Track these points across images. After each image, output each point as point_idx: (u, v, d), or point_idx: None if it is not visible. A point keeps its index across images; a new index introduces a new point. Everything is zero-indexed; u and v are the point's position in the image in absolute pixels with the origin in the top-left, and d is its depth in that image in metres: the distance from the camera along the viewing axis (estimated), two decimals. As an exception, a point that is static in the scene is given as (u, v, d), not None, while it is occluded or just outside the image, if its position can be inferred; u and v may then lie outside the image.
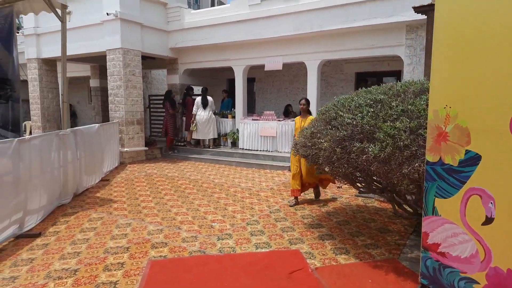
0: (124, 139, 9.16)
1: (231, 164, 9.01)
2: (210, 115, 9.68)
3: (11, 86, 6.67)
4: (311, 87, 8.60)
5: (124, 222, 4.74)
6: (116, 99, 9.22)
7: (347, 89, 10.00)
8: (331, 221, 4.85)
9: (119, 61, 9.02)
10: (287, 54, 8.80)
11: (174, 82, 10.86)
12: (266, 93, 11.53)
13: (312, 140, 4.01)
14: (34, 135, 4.65)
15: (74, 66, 13.06)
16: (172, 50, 10.35)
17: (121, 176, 7.77)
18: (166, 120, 10.06)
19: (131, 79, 9.21)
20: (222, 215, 5.08)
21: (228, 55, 9.71)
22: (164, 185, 6.96)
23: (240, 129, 9.68)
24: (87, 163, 6.42)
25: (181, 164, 9.19)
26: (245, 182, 7.18)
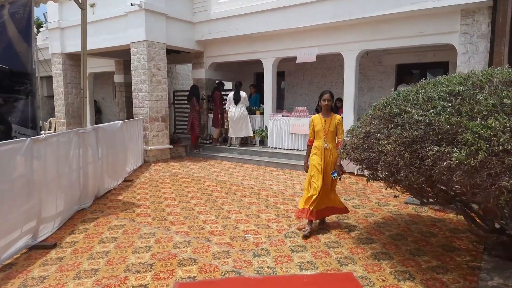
0: (148, 136, 8.74)
1: (260, 164, 8.42)
2: (242, 112, 9.10)
3: (30, 80, 6.33)
4: (348, 80, 7.86)
5: (148, 232, 4.23)
6: (140, 95, 8.81)
7: (386, 83, 9.17)
8: (383, 235, 4.16)
9: (143, 55, 8.58)
10: (321, 44, 8.09)
11: (199, 77, 10.37)
12: (296, 87, 10.84)
13: (369, 141, 3.34)
14: (50, 134, 4.21)
15: (98, 61, 12.81)
16: (198, 43, 9.84)
17: (145, 176, 7.34)
18: (193, 117, 9.56)
19: (155, 73, 8.76)
20: (255, 225, 4.49)
21: (257, 47, 9.09)
22: (190, 186, 6.46)
23: (269, 127, 9.07)
24: (109, 163, 5.99)
25: (207, 164, 8.69)
26: (276, 185, 6.58)
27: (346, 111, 7.96)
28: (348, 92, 7.87)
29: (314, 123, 4.33)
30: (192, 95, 9.55)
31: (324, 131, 4.24)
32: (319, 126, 4.28)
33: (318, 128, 4.29)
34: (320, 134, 4.27)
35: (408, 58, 8.77)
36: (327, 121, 4.27)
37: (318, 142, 4.29)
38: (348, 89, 7.87)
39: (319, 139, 4.28)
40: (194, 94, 9.56)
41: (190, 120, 9.60)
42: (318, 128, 4.28)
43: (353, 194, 5.93)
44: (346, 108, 7.94)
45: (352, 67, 7.78)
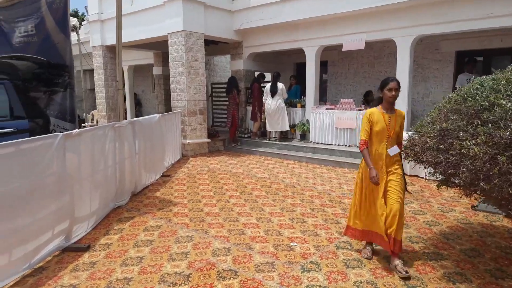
0: (186, 130, 8.51)
1: (301, 160, 7.91)
2: (278, 104, 8.61)
3: (69, 73, 6.23)
4: (401, 70, 7.11)
5: (185, 235, 3.91)
6: (178, 87, 8.57)
7: (443, 72, 8.27)
8: (454, 250, 3.55)
9: (181, 45, 8.31)
10: (371, 30, 7.38)
11: (238, 68, 9.98)
12: (340, 78, 10.15)
13: (446, 141, 2.76)
14: (84, 129, 3.99)
15: (137, 54, 12.81)
16: (236, 32, 9.43)
17: (183, 171, 7.10)
18: (233, 110, 9.20)
19: (193, 65, 8.48)
20: (301, 231, 4.04)
21: (299, 35, 8.53)
22: (229, 184, 6.11)
23: (311, 120, 8.52)
24: (147, 158, 5.77)
25: (246, 159, 8.32)
26: (321, 184, 6.06)
27: (397, 104, 7.19)
28: (401, 81, 7.09)
29: (373, 120, 3.18)
30: (232, 87, 9.17)
31: (388, 131, 3.16)
32: (381, 124, 3.15)
33: (379, 128, 3.16)
34: (381, 136, 3.16)
35: (469, 44, 7.82)
36: (392, 118, 3.20)
37: (377, 147, 3.19)
38: (401, 80, 7.09)
39: (380, 142, 3.18)
40: (233, 85, 9.19)
41: (231, 113, 9.23)
42: (380, 127, 3.15)
43: (409, 197, 5.29)
44: (398, 100, 7.17)
45: (405, 55, 7.02)
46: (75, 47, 11.45)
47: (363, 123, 3.25)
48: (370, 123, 3.21)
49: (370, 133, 3.21)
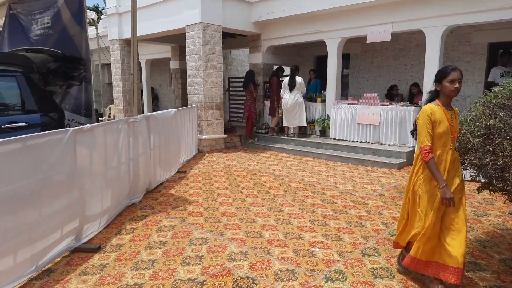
0: (202, 125, 8.33)
1: (321, 157, 7.60)
2: (296, 99, 8.32)
3: (85, 66, 6.11)
4: (430, 63, 6.69)
5: (200, 237, 3.71)
6: (195, 81, 8.38)
7: (475, 65, 7.76)
8: (492, 259, 3.21)
9: (198, 38, 8.10)
10: (397, 21, 6.96)
11: (256, 62, 9.70)
12: (362, 71, 9.74)
13: (492, 141, 2.43)
14: (97, 124, 3.82)
15: (155, 48, 12.71)
16: (255, 25, 9.14)
17: (199, 167, 6.91)
18: (249, 104, 8.96)
19: (210, 58, 8.26)
20: (323, 235, 3.77)
21: (320, 26, 8.17)
22: (246, 181, 5.88)
23: (331, 115, 8.18)
24: (162, 154, 5.60)
25: (263, 155, 8.07)
26: (342, 183, 5.75)
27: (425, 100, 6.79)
28: (430, 77, 6.68)
29: (434, 119, 2.55)
30: (249, 81, 8.92)
31: (453, 132, 2.57)
32: (444, 124, 2.54)
33: (443, 129, 2.53)
34: (446, 139, 2.56)
35: (503, 35, 7.28)
36: (453, 116, 2.63)
37: (441, 152, 2.58)
38: (430, 74, 6.68)
39: (444, 146, 2.58)
40: (250, 80, 8.93)
41: (247, 108, 8.99)
42: (444, 128, 2.53)
43: (438, 199, 4.93)
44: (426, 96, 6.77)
45: (435, 47, 6.58)
46: (94, 41, 11.45)
47: (423, 123, 2.56)
48: (430, 123, 2.56)
49: (433, 135, 2.58)
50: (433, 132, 2.56)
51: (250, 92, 8.85)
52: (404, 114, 7.04)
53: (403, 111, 7.05)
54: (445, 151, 2.59)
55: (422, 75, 8.52)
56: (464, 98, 7.99)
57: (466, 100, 7.91)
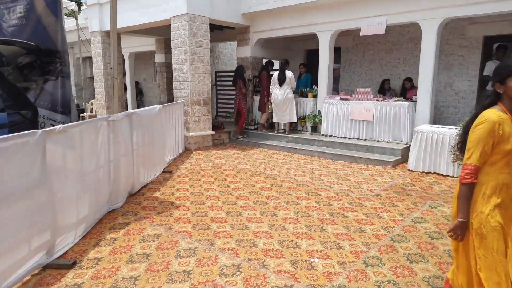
0: (189, 122, 7.95)
1: (313, 155, 7.34)
2: (286, 94, 8.02)
3: (61, 59, 5.66)
4: (426, 56, 6.46)
5: (187, 247, 3.39)
6: (181, 76, 7.98)
7: (469, 59, 7.59)
8: (504, 269, 2.99)
9: (184, 30, 7.69)
10: (392, 13, 6.70)
11: (245, 55, 9.34)
12: (354, 66, 9.48)
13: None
14: (71, 124, 3.44)
15: (139, 40, 12.20)
16: (244, 17, 8.77)
17: (186, 166, 6.56)
18: (239, 101, 8.60)
19: (197, 51, 7.87)
20: (321, 242, 3.50)
21: (312, 18, 7.86)
22: (236, 182, 5.57)
23: (323, 111, 7.92)
24: (146, 154, 5.23)
25: (252, 153, 7.76)
26: (337, 183, 5.50)
27: (421, 95, 6.60)
28: (426, 71, 6.48)
29: (502, 133, 1.88)
30: (237, 77, 8.57)
31: None
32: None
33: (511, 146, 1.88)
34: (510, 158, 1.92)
35: (499, 28, 7.12)
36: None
37: (506, 175, 1.94)
38: (425, 68, 6.48)
39: (508, 165, 1.94)
40: (240, 75, 8.57)
41: (237, 104, 8.63)
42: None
43: (438, 198, 4.73)
44: (422, 91, 6.58)
45: (431, 40, 6.36)
46: (74, 33, 10.89)
47: (483, 135, 1.88)
48: (497, 137, 1.88)
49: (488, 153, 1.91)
50: (496, 148, 1.90)
51: (239, 88, 8.50)
52: (398, 110, 6.82)
53: (397, 107, 6.83)
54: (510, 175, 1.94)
55: (415, 69, 8.35)
56: (457, 93, 7.84)
57: (460, 95, 7.76)
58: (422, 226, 3.85)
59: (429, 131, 5.83)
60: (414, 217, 4.10)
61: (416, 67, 8.30)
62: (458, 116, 7.78)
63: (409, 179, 5.65)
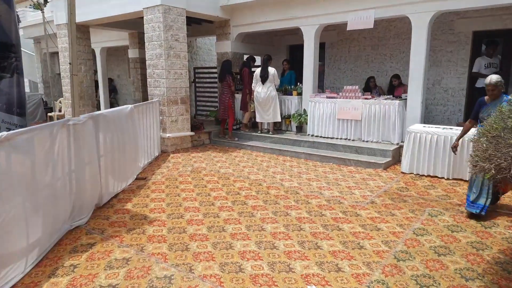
0: (165, 122, 7.37)
1: (299, 157, 6.92)
2: (269, 92, 7.57)
3: (16, 54, 4.98)
4: (416, 52, 6.14)
5: (162, 274, 2.87)
6: (155, 72, 7.37)
7: (458, 55, 7.35)
8: (524, 292, 2.65)
9: (158, 22, 7.08)
10: (381, 6, 6.34)
11: (224, 51, 8.81)
12: (339, 62, 9.12)
13: None
14: (19, 131, 2.85)
15: (111, 34, 11.42)
16: (223, 9, 8.23)
17: (162, 172, 6.01)
18: (228, 99, 7.87)
19: (173, 45, 7.28)
20: (317, 263, 3.06)
21: (295, 11, 7.42)
22: (218, 189, 5.08)
23: (309, 110, 7.51)
24: (116, 161, 4.65)
25: (235, 155, 7.27)
26: (328, 188, 5.10)
27: (411, 92, 6.29)
28: (416, 68, 6.16)
29: None
30: (226, 73, 7.93)
31: None
32: None
33: None
34: None
35: (488, 23, 6.89)
36: None
37: None
38: (415, 64, 6.16)
39: None
40: (227, 71, 7.94)
41: (225, 103, 7.87)
42: None
43: (437, 205, 4.39)
44: (412, 88, 6.26)
45: (422, 34, 6.04)
46: (41, 26, 10.04)
47: None
48: None
49: None
50: None
51: (228, 85, 7.86)
52: (388, 109, 6.49)
53: (387, 105, 6.49)
54: None
55: (402, 66, 8.07)
56: (446, 91, 7.60)
57: (449, 93, 7.52)
58: (426, 240, 3.48)
59: (422, 132, 5.51)
60: (415, 229, 3.73)
61: (403, 63, 8.04)
62: (447, 115, 7.55)
63: (403, 182, 5.31)
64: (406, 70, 7.89)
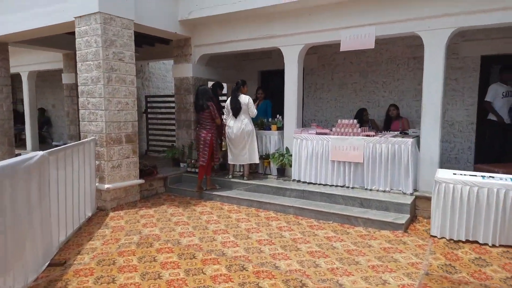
0: (104, 168, 5.43)
1: (286, 212, 5.27)
2: (243, 127, 5.97)
3: None
4: (431, 79, 4.90)
5: None
6: (91, 101, 5.50)
7: (464, 84, 6.30)
8: None
9: (95, 36, 5.30)
10: (384, 21, 5.11)
11: (184, 75, 7.14)
12: (321, 91, 7.79)
13: None
14: None
15: (40, 55, 9.33)
16: (183, 25, 6.66)
17: (94, 247, 4.04)
18: (211, 136, 5.85)
19: (117, 66, 5.50)
20: None
21: (274, 28, 6.03)
22: (179, 279, 3.24)
23: (293, 149, 5.97)
24: (8, 244, 2.68)
25: (200, 210, 5.46)
26: (343, 270, 3.46)
27: (426, 128, 4.98)
28: (431, 98, 4.90)
29: None
30: (208, 99, 5.88)
31: None
32: None
33: None
34: None
35: (499, 47, 5.94)
36: None
37: None
38: (430, 93, 4.90)
39: None
40: (209, 97, 5.93)
41: (208, 141, 5.84)
42: None
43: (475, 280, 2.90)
44: (426, 123, 4.97)
45: (438, 57, 4.83)
46: None
47: None
48: None
49: None
50: None
51: (211, 116, 5.88)
52: (398, 149, 5.11)
53: (396, 145, 5.12)
54: None
55: (397, 96, 6.91)
56: (452, 125, 6.47)
57: (456, 127, 6.38)
58: None
59: (456, 182, 4.13)
60: None
61: (398, 93, 6.89)
62: (454, 153, 6.38)
63: (441, 255, 3.82)
64: (402, 100, 6.77)
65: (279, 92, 7.09)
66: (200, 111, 5.89)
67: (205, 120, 5.89)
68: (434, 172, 4.93)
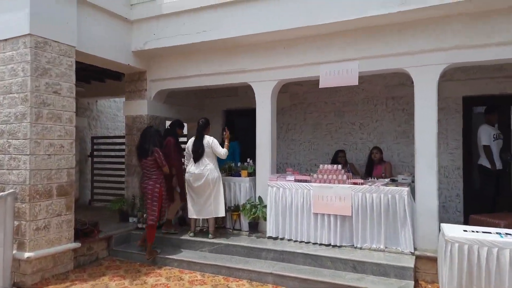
0: (25, 231, 4.13)
1: (263, 281, 4.24)
2: (207, 174, 5.02)
3: None
4: (423, 118, 4.37)
5: None
6: (12, 144, 4.29)
7: (447, 126, 5.88)
8: None
9: (23, 62, 4.23)
10: (368, 56, 4.59)
11: (138, 114, 6.13)
12: (293, 132, 7.08)
13: None
14: None
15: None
16: (137, 56, 5.77)
17: None
18: (159, 185, 4.80)
19: (50, 100, 4.40)
20: None
21: (243, 62, 5.33)
22: None
23: (269, 199, 5.06)
24: None
25: (153, 282, 4.26)
26: None
27: (421, 174, 4.35)
28: (424, 139, 4.33)
29: None
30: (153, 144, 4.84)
31: None
32: None
33: None
34: None
35: (481, 88, 5.66)
36: None
37: None
38: (423, 134, 4.34)
39: None
40: (156, 142, 4.89)
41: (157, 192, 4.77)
42: None
43: None
44: (422, 168, 4.35)
45: (430, 95, 4.34)
46: None
47: None
48: None
49: None
50: None
51: (156, 163, 4.82)
52: (391, 199, 4.40)
53: (389, 194, 4.41)
54: None
55: (376, 138, 6.38)
56: (437, 170, 5.95)
57: (441, 173, 5.86)
58: None
59: (471, 242, 3.41)
60: None
61: (377, 135, 6.37)
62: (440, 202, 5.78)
63: None
64: (382, 143, 6.24)
65: (247, 133, 6.32)
66: (144, 157, 4.83)
67: (149, 168, 4.82)
68: (434, 227, 4.29)
